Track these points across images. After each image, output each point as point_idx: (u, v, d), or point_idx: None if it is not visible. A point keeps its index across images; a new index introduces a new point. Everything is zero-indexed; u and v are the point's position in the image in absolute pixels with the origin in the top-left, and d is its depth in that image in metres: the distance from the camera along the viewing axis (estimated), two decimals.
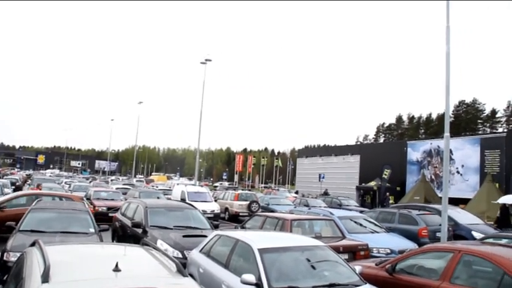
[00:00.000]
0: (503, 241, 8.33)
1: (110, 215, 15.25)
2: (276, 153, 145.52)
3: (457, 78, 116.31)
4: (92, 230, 9.03)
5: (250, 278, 5.34)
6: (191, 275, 6.96)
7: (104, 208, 18.41)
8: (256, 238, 6.44)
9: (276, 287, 5.31)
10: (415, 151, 44.99)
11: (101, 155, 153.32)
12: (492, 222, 22.21)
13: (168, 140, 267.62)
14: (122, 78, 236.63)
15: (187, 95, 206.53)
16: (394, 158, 45.17)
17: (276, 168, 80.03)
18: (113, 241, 12.00)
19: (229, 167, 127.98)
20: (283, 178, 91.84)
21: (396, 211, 15.51)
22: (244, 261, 6.06)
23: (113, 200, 20.31)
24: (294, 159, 78.60)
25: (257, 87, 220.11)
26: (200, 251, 7.50)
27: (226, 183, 74.47)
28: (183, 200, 20.55)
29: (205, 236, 8.18)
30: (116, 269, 3.67)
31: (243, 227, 11.87)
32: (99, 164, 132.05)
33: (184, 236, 9.41)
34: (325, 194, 39.51)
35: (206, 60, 34.20)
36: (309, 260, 5.97)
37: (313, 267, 5.89)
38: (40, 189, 20.30)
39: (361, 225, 12.44)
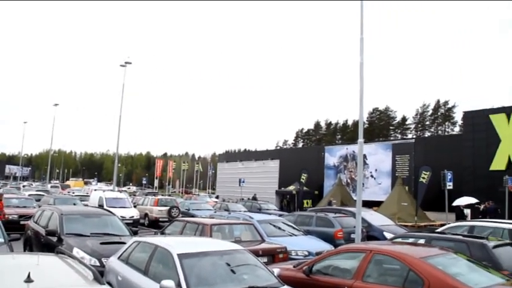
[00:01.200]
0: (411, 240, 8.85)
1: (22, 223, 14.52)
2: (197, 158, 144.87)
3: (371, 86, 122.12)
4: (0, 239, 8.53)
5: (170, 283, 5.31)
6: (109, 283, 6.79)
7: (15, 216, 17.42)
8: (175, 243, 6.42)
9: None
10: (332, 156, 46.54)
11: (11, 160, 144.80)
12: (402, 223, 23.48)
13: (86, 144, 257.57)
14: (36, 79, 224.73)
15: (107, 98, 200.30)
16: (312, 163, 46.44)
17: (197, 173, 79.56)
18: (24, 251, 11.40)
19: (149, 171, 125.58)
20: (204, 183, 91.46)
21: (313, 214, 16.00)
22: (164, 267, 6.01)
23: (25, 207, 19.24)
24: (214, 163, 78.59)
25: (178, 92, 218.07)
26: (118, 258, 7.35)
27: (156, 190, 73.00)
28: (101, 206, 19.95)
29: (124, 243, 8.02)
30: (28, 279, 3.53)
31: (162, 233, 11.73)
32: (10, 169, 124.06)
33: (101, 243, 9.16)
34: (254, 198, 39.88)
35: (126, 63, 33.19)
36: (228, 264, 6.03)
37: (232, 271, 5.95)
38: None
39: (280, 228, 12.69)
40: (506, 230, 10.48)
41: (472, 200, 22.50)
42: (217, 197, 49.57)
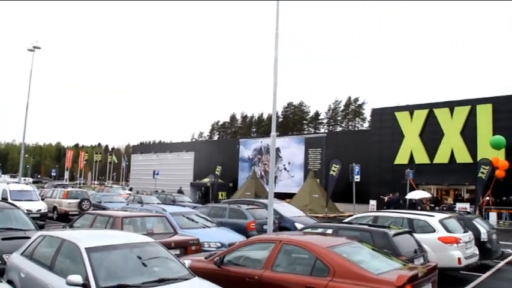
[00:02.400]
0: (319, 230, 9.20)
1: None
2: (110, 149, 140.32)
3: (287, 81, 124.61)
4: None
5: (77, 278, 5.15)
6: (10, 281, 6.47)
7: None
8: (83, 237, 6.22)
9: (104, 286, 5.20)
10: (247, 149, 47.07)
11: None
12: (313, 214, 24.26)
13: None
14: None
15: (14, 85, 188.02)
16: (227, 155, 46.71)
17: (110, 165, 77.16)
18: None
19: (60, 163, 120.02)
20: (117, 175, 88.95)
21: (227, 206, 16.17)
22: (71, 262, 5.81)
23: None
24: (128, 155, 76.62)
25: (91, 80, 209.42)
26: (22, 254, 6.99)
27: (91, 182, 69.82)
28: (4, 199, 18.81)
29: (29, 238, 7.65)
30: None
31: (71, 226, 11.32)
32: None
33: (3, 239, 8.67)
34: (179, 192, 39.40)
35: (34, 47, 30.38)
36: (139, 257, 5.96)
37: (143, 264, 5.89)
38: None
39: (193, 220, 12.69)
40: (406, 219, 11.26)
41: (426, 194, 23.60)
42: (130, 189, 48.39)
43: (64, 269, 5.76)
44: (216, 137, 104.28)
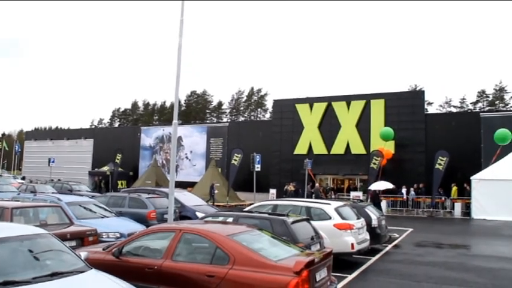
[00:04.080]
0: (220, 219, 9.27)
1: None
2: (1, 135, 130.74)
3: (190, 69, 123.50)
4: None
5: None
6: None
7: None
8: None
9: None
10: (148, 137, 46.20)
11: None
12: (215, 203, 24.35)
13: None
14: None
15: None
16: (128, 143, 45.56)
17: (0, 152, 71.94)
18: None
19: None
20: (8, 163, 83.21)
21: (126, 195, 15.83)
22: None
23: None
24: (21, 141, 71.90)
25: None
26: None
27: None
28: None
29: None
30: None
31: None
32: None
33: None
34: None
35: None
36: (30, 251, 5.61)
37: (35, 257, 5.56)
38: None
39: (91, 210, 12.34)
40: (304, 207, 11.72)
41: (389, 185, 24.24)
42: (23, 178, 45.49)
43: None
44: (117, 124, 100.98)
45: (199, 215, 14.56)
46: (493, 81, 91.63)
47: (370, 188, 20.38)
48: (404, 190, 29.82)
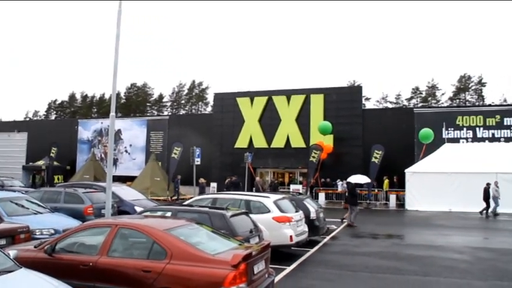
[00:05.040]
0: (159, 213, 9.19)
1: None
2: None
3: (130, 61, 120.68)
4: None
5: None
6: None
7: None
8: None
9: None
10: (86, 130, 44.94)
11: None
12: (155, 197, 24.07)
13: None
14: None
15: None
16: (64, 136, 44.13)
17: None
18: None
19: None
20: None
21: (62, 190, 15.35)
22: None
23: None
24: None
25: None
26: None
27: None
28: None
29: None
30: None
31: None
32: None
33: None
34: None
35: None
36: None
37: None
38: None
39: (23, 206, 11.89)
40: (243, 201, 11.80)
41: (367, 179, 24.30)
42: None
43: None
44: (53, 117, 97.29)
45: (138, 209, 14.36)
46: (426, 78, 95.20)
47: (349, 180, 20.91)
48: (339, 183, 30.70)
